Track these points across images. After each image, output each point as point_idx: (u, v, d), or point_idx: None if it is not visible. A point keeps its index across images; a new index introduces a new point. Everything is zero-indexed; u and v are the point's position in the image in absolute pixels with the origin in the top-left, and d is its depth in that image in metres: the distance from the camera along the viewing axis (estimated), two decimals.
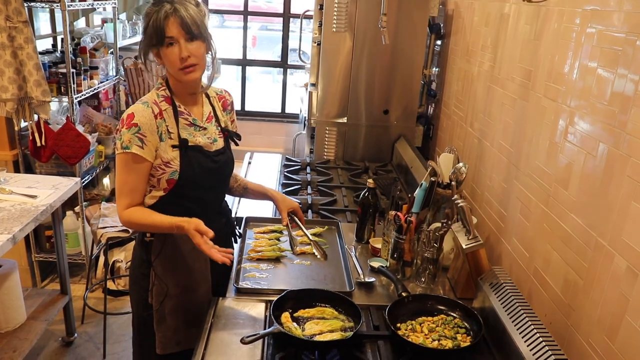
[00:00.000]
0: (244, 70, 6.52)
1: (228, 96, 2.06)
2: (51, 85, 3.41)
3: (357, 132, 3.60)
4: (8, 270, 2.73)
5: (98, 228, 3.13)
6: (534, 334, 1.53)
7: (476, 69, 2.77)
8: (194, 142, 1.83)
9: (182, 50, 1.72)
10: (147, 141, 1.74)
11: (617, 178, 1.48)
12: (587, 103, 1.66)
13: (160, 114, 1.78)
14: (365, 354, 1.66)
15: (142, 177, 1.79)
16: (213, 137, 1.91)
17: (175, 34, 1.71)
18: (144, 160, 1.76)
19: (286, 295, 1.80)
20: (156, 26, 1.70)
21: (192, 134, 1.84)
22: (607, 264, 1.49)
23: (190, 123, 1.85)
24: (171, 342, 1.93)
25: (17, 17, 3.11)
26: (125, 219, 1.81)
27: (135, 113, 1.74)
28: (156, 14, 1.71)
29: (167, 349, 1.93)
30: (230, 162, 1.98)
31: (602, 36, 1.61)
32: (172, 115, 1.81)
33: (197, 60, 1.75)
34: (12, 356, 2.59)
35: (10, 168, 3.44)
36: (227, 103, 2.04)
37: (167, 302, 1.90)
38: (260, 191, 2.16)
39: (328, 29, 3.40)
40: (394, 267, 2.11)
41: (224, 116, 2.00)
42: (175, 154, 1.80)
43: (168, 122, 1.80)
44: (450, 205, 2.13)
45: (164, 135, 1.78)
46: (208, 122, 1.91)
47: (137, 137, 1.73)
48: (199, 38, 1.74)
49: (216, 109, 1.97)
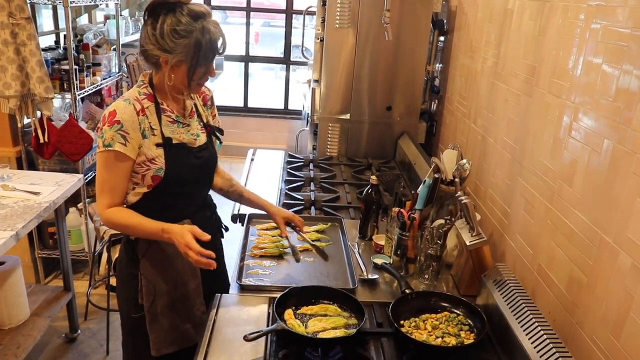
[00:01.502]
0: (246, 67, 6.52)
1: (207, 91, 2.03)
2: (54, 81, 3.41)
3: (360, 128, 3.60)
4: (11, 266, 2.73)
5: (101, 225, 3.13)
6: (538, 331, 1.52)
7: (480, 65, 2.76)
8: (178, 140, 1.83)
9: (212, 70, 1.79)
10: (129, 138, 1.72)
11: (622, 174, 1.47)
12: (592, 99, 1.65)
13: (142, 110, 1.76)
14: (369, 351, 1.66)
15: (124, 175, 1.77)
16: (196, 132, 1.91)
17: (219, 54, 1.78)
18: (126, 158, 1.73)
19: (289, 292, 1.79)
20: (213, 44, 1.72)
21: (175, 130, 1.83)
22: (612, 261, 1.48)
23: (173, 120, 1.84)
24: (165, 342, 1.90)
25: (19, 14, 3.10)
26: (105, 219, 1.78)
27: (117, 110, 1.72)
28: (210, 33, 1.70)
29: (162, 350, 1.90)
30: (213, 157, 1.97)
31: (607, 32, 1.60)
32: (154, 113, 1.79)
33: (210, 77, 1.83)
34: (15, 352, 2.59)
35: (14, 165, 3.44)
36: (207, 98, 2.02)
37: (158, 301, 1.87)
38: (255, 201, 2.15)
39: (331, 25, 3.38)
40: (397, 264, 2.10)
41: (205, 111, 2.00)
42: (159, 151, 1.78)
43: (150, 119, 1.78)
44: (454, 202, 2.12)
45: (146, 132, 1.76)
46: (191, 117, 1.91)
47: (120, 134, 1.70)
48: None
49: (197, 105, 1.97)
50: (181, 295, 1.91)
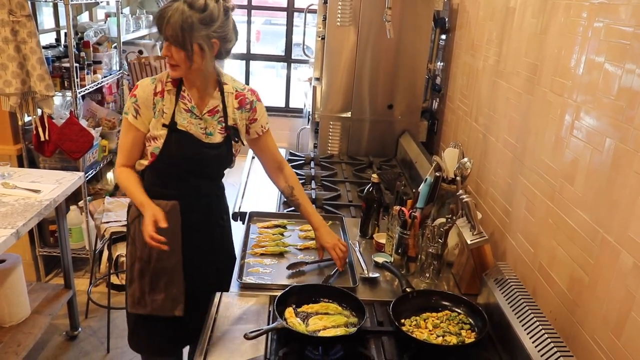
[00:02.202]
0: (247, 65, 6.51)
1: (250, 95, 2.04)
2: (55, 79, 3.40)
3: (361, 126, 3.59)
4: (12, 264, 2.73)
5: (102, 223, 3.13)
6: (539, 330, 1.52)
7: (481, 63, 2.75)
8: (183, 127, 1.91)
9: (164, 49, 1.83)
10: (141, 113, 1.90)
11: (623, 173, 1.47)
12: (594, 98, 1.65)
13: (161, 92, 1.91)
14: (369, 350, 1.66)
15: (133, 142, 1.95)
16: (209, 130, 1.95)
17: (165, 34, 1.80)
18: (135, 129, 1.92)
19: (290, 290, 1.79)
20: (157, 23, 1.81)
21: (185, 119, 1.92)
22: (613, 260, 1.48)
23: (187, 109, 1.92)
24: (139, 303, 2.04)
25: (20, 11, 3.10)
26: (116, 176, 2.03)
27: (140, 85, 1.92)
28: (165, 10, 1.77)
29: (134, 309, 2.06)
30: (222, 158, 2.01)
31: (609, 30, 1.60)
32: (173, 97, 1.91)
33: (176, 62, 1.83)
34: (16, 350, 2.59)
35: (14, 162, 3.44)
36: (245, 102, 2.02)
37: (136, 265, 2.03)
38: (309, 217, 2.16)
39: (332, 23, 3.38)
40: (398, 262, 2.10)
41: (237, 114, 2.01)
42: (163, 132, 1.90)
43: (166, 101, 1.91)
44: (455, 200, 2.12)
45: (158, 113, 1.90)
46: (209, 115, 1.95)
47: (134, 107, 1.90)
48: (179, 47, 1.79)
49: (228, 106, 1.99)
50: (158, 268, 2.00)
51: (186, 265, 2.03)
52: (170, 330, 2.10)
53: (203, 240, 2.08)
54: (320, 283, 1.95)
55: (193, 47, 1.79)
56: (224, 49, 1.88)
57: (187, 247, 2.01)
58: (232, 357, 1.58)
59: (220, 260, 2.18)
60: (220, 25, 1.81)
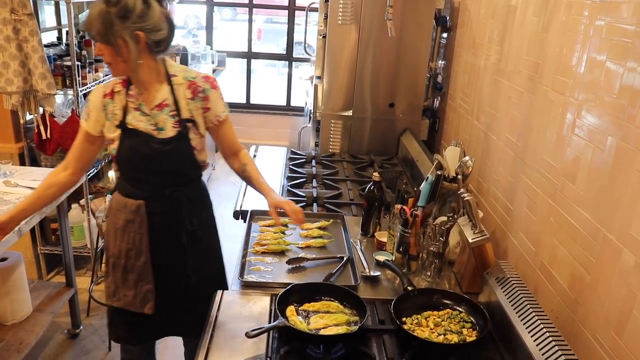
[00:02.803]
0: (249, 63, 6.51)
1: (202, 83, 1.97)
2: (56, 78, 3.40)
3: (362, 125, 3.59)
4: (14, 262, 2.73)
5: (103, 221, 3.13)
6: (541, 328, 1.52)
7: (482, 62, 2.75)
8: (133, 126, 1.92)
9: (96, 50, 1.85)
10: (91, 115, 1.95)
11: (625, 172, 1.47)
12: (596, 96, 1.65)
13: (110, 94, 1.94)
14: (371, 348, 1.66)
15: (81, 144, 2.01)
16: (160, 125, 1.93)
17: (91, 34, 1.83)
18: (85, 131, 1.98)
19: (291, 288, 1.79)
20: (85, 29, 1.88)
21: (136, 117, 1.93)
22: (615, 259, 1.48)
23: (136, 107, 1.93)
24: (113, 295, 2.09)
25: (22, 10, 3.10)
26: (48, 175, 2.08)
27: (94, 89, 1.99)
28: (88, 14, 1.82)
29: (109, 301, 2.11)
30: (178, 152, 1.95)
31: (611, 28, 1.60)
32: (123, 97, 1.93)
33: (109, 60, 1.84)
34: (18, 348, 2.60)
35: (16, 161, 3.44)
36: (198, 90, 1.96)
37: (110, 258, 2.07)
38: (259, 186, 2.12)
39: (333, 22, 3.38)
40: (399, 261, 2.10)
41: (191, 105, 1.96)
42: (117, 134, 1.93)
43: (117, 102, 1.93)
44: (457, 199, 2.12)
45: (110, 114, 1.93)
46: (158, 109, 1.93)
47: (86, 110, 1.96)
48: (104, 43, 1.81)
49: (179, 98, 1.94)
50: (128, 265, 2.03)
51: (156, 265, 2.03)
52: (145, 323, 2.11)
53: (170, 242, 2.04)
54: (321, 281, 1.95)
55: (117, 42, 1.78)
56: (152, 39, 1.83)
57: (155, 248, 2.01)
58: (234, 355, 1.59)
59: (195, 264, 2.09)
60: (140, 16, 1.78)
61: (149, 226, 1.98)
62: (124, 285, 2.06)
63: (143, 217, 1.97)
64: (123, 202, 1.99)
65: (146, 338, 2.26)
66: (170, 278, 2.07)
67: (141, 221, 1.97)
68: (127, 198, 1.99)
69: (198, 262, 2.09)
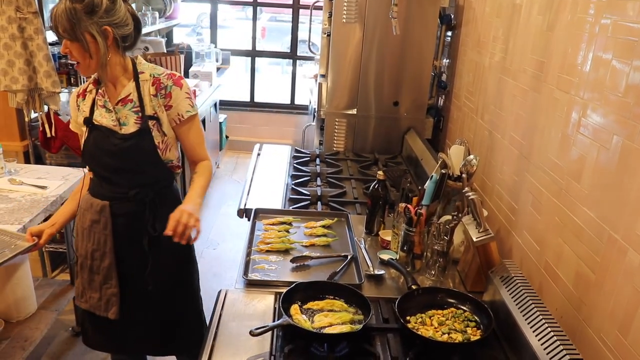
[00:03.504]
0: (253, 62, 6.51)
1: (165, 79, 1.95)
2: (61, 76, 3.42)
3: (366, 123, 3.59)
4: (19, 260, 2.74)
5: None
6: (545, 328, 1.52)
7: (487, 60, 2.75)
8: (98, 122, 1.94)
9: (63, 47, 1.83)
10: (72, 114, 2.05)
11: (631, 171, 1.46)
12: (601, 95, 1.64)
13: (82, 93, 2.00)
14: (375, 347, 1.66)
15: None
16: (123, 120, 1.93)
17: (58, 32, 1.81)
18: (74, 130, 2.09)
19: (295, 287, 1.79)
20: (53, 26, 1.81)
21: (101, 114, 1.95)
22: (620, 258, 1.47)
23: (102, 104, 1.96)
24: (81, 297, 2.09)
25: (27, 8, 3.11)
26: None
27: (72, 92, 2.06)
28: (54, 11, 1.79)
29: (77, 301, 2.12)
30: (139, 149, 1.93)
31: (617, 27, 1.59)
32: (93, 96, 1.97)
33: (76, 57, 1.83)
34: (23, 345, 2.61)
35: (21, 159, 3.46)
36: (160, 87, 1.94)
37: (78, 258, 2.08)
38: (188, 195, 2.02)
39: (338, 20, 3.37)
40: (403, 259, 2.10)
41: (154, 102, 1.95)
42: (84, 129, 1.98)
43: (87, 101, 1.98)
44: (461, 197, 2.11)
45: (80, 113, 1.99)
46: (122, 104, 1.94)
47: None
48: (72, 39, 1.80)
49: (144, 94, 1.94)
50: (93, 266, 2.03)
51: (121, 269, 2.01)
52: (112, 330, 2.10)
53: (133, 246, 2.00)
54: (325, 280, 1.95)
55: (85, 37, 1.78)
56: (119, 34, 1.84)
57: (120, 251, 2.00)
58: (238, 354, 1.59)
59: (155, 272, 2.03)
60: (106, 11, 1.79)
61: (113, 228, 1.97)
62: (90, 287, 2.05)
63: (107, 217, 1.96)
64: (90, 202, 1.99)
65: (115, 348, 2.23)
66: (134, 284, 2.04)
67: (105, 222, 1.96)
68: (94, 198, 1.99)
69: (159, 270, 2.03)
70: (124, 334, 2.11)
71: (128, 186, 1.97)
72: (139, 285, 2.03)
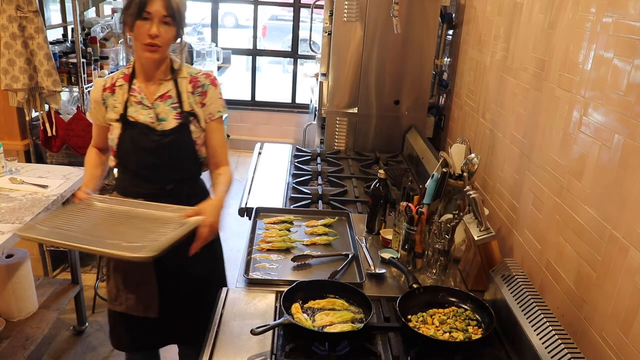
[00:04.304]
0: (254, 60, 6.51)
1: (202, 78, 2.00)
2: (62, 75, 3.41)
3: (367, 122, 3.58)
4: (20, 259, 2.74)
5: None
6: (546, 326, 1.51)
7: (488, 59, 2.74)
8: (133, 118, 1.93)
9: (153, 27, 1.79)
10: (93, 107, 2.01)
11: (632, 170, 1.46)
12: (602, 94, 1.64)
13: (111, 87, 1.96)
14: (376, 346, 1.65)
15: (98, 132, 2.08)
16: (161, 116, 1.94)
17: (155, 10, 1.78)
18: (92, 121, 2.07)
19: (296, 286, 1.79)
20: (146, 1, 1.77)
21: (137, 110, 1.94)
22: (622, 257, 1.47)
23: (138, 101, 1.94)
24: (115, 300, 2.05)
25: (27, 7, 3.11)
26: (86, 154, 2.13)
27: (94, 84, 2.02)
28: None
29: (112, 306, 2.07)
30: (178, 144, 1.95)
31: (618, 25, 1.59)
32: (125, 91, 1.95)
33: (162, 42, 1.83)
34: (24, 344, 2.61)
35: (22, 158, 3.46)
36: (197, 85, 1.98)
37: (112, 261, 2.04)
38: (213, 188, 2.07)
39: (339, 19, 3.37)
40: (404, 258, 2.10)
41: (192, 99, 1.97)
42: (117, 125, 1.94)
43: (117, 96, 1.95)
44: (462, 196, 2.11)
45: (109, 108, 1.96)
46: (161, 100, 1.94)
47: (89, 104, 2.05)
48: (172, 24, 1.82)
49: (182, 91, 1.96)
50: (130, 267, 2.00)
51: (158, 267, 2.00)
52: (148, 328, 2.09)
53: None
54: (326, 279, 1.95)
55: (183, 24, 1.85)
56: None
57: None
58: (239, 353, 1.59)
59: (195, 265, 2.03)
60: None
61: None
62: (126, 289, 2.03)
63: None
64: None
65: (149, 345, 2.22)
66: (173, 279, 2.04)
67: None
68: (125, 196, 1.99)
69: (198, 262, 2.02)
70: (161, 329, 2.11)
71: (164, 182, 1.99)
72: (176, 280, 2.04)
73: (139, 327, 2.10)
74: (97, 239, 1.73)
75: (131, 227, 1.84)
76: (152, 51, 1.83)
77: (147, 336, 2.14)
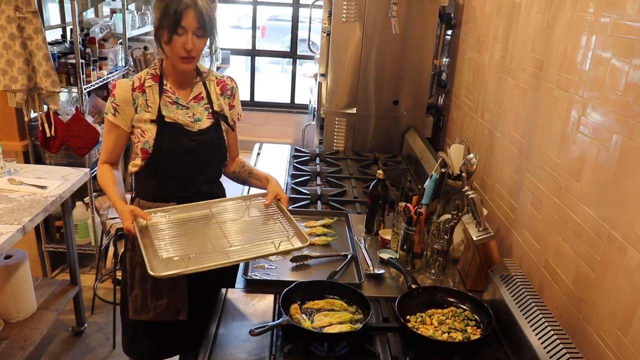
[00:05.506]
0: (253, 61, 6.51)
1: (229, 82, 2.09)
2: (60, 75, 3.41)
3: (366, 122, 3.59)
4: (19, 260, 2.74)
5: (107, 219, 3.14)
6: (545, 326, 1.52)
7: (487, 59, 2.74)
8: (171, 118, 1.92)
9: (188, 42, 1.80)
10: (120, 110, 1.91)
11: (631, 169, 1.46)
12: (601, 94, 1.64)
13: (140, 87, 1.92)
14: (375, 346, 1.65)
15: (116, 140, 1.96)
16: (197, 116, 1.96)
17: (188, 25, 1.78)
18: (116, 126, 1.93)
19: (295, 286, 1.79)
20: (175, 12, 1.76)
21: (172, 110, 1.93)
22: (620, 257, 1.47)
23: (172, 101, 1.94)
24: (142, 309, 2.01)
25: (26, 8, 3.10)
26: (98, 172, 2.00)
27: (118, 85, 1.92)
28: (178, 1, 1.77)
29: (137, 315, 2.02)
30: (214, 143, 1.99)
31: (616, 25, 1.59)
32: (156, 92, 1.92)
33: (196, 54, 1.85)
34: (23, 345, 2.61)
35: (20, 159, 3.45)
36: (226, 88, 2.06)
37: (137, 270, 1.99)
38: (263, 176, 2.13)
39: (338, 19, 3.37)
40: (403, 258, 2.10)
41: (221, 100, 2.04)
42: (151, 126, 1.91)
43: (149, 96, 1.92)
44: (461, 196, 2.11)
45: (140, 108, 1.91)
46: (195, 101, 1.98)
47: (113, 106, 1.91)
48: (206, 35, 1.84)
49: (211, 92, 2.02)
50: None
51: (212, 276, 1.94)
52: (174, 333, 2.07)
53: None
54: (325, 279, 1.95)
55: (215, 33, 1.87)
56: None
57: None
58: (238, 353, 1.59)
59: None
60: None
61: None
62: (155, 296, 1.99)
63: None
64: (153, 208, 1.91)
65: (168, 353, 2.17)
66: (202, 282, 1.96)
67: None
68: (157, 203, 1.95)
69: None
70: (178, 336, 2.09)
71: (198, 183, 2.00)
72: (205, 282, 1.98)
73: (161, 336, 2.07)
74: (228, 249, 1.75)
75: (240, 227, 1.90)
76: (188, 62, 1.86)
77: (168, 344, 2.11)
